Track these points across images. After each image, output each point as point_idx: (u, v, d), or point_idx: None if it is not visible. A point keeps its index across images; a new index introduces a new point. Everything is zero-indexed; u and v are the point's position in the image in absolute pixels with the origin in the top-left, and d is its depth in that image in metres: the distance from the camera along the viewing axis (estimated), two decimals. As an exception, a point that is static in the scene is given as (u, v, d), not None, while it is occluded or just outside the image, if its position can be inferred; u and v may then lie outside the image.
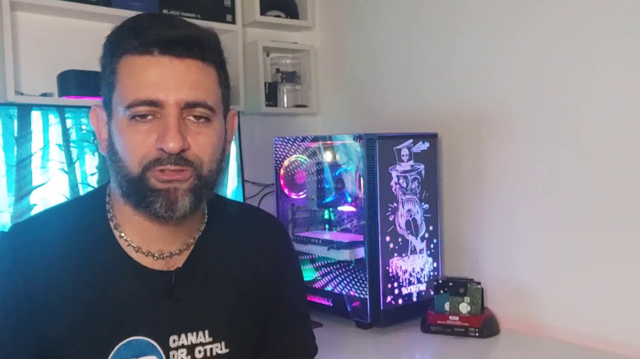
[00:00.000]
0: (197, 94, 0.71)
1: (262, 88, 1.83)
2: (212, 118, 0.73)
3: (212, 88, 0.74)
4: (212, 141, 0.74)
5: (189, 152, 0.71)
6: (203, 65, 0.72)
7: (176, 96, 0.70)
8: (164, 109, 0.70)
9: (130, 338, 0.74)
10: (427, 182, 1.49)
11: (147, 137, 0.70)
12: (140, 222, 0.76)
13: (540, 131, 1.39)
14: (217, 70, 0.75)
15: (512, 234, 1.46)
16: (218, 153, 0.75)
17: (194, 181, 0.72)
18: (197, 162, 0.72)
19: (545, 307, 1.40)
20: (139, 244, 0.77)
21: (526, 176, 1.42)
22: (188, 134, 0.71)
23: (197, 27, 0.74)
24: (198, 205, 0.75)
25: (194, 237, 0.81)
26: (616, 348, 1.26)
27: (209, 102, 0.72)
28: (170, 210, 0.71)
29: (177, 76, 0.70)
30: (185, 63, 0.71)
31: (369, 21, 1.81)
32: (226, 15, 1.76)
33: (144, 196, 0.71)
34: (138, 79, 0.70)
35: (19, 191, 1.35)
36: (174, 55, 0.70)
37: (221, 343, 0.79)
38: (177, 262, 0.78)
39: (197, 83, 0.71)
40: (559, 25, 1.34)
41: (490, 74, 1.49)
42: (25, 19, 1.48)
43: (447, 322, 1.38)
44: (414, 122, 1.66)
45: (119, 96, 0.71)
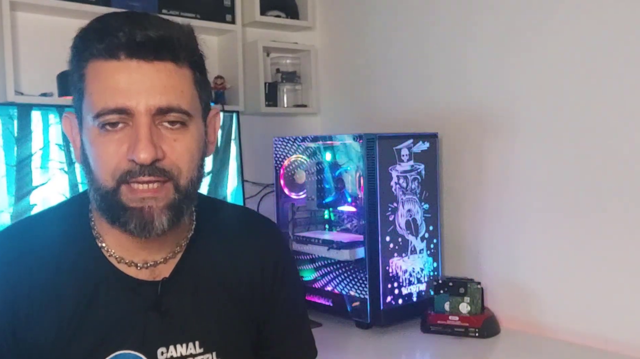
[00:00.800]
0: (169, 99, 0.66)
1: (262, 88, 1.83)
2: (188, 122, 0.68)
3: (187, 91, 0.68)
4: (189, 147, 0.69)
5: (164, 162, 0.67)
6: (175, 67, 0.67)
7: (147, 102, 0.65)
8: (134, 117, 0.65)
9: (117, 352, 0.71)
10: (427, 182, 1.49)
11: (119, 147, 0.66)
12: (119, 236, 0.72)
13: (541, 130, 1.39)
14: (193, 71, 0.70)
15: (512, 234, 1.46)
16: (197, 159, 0.71)
17: (172, 196, 0.68)
18: (174, 172, 0.68)
19: (545, 307, 1.40)
20: (121, 255, 0.73)
21: (526, 176, 1.42)
22: (163, 141, 0.67)
23: (169, 26, 0.68)
24: (178, 221, 0.70)
25: (180, 245, 0.77)
26: (616, 347, 1.26)
27: (183, 106, 0.67)
28: (146, 231, 0.67)
29: (147, 81, 0.65)
30: (155, 66, 0.66)
31: (369, 21, 1.81)
32: (226, 15, 1.77)
33: (118, 215, 0.67)
34: (105, 86, 0.65)
35: (19, 191, 1.34)
36: (143, 59, 0.65)
37: (212, 353, 0.76)
38: (164, 271, 0.75)
39: (169, 87, 0.66)
40: (561, 26, 1.34)
41: (491, 74, 1.49)
42: (25, 19, 1.49)
43: (447, 322, 1.38)
44: (414, 122, 1.66)
45: (88, 104, 0.67)
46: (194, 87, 0.70)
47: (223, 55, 1.86)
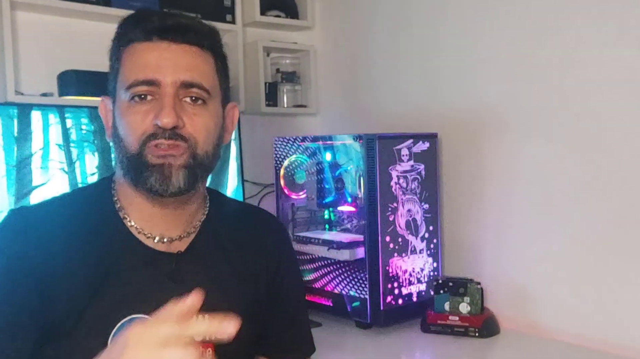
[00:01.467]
0: (192, 75, 0.75)
1: (262, 88, 1.84)
2: (208, 101, 0.77)
3: (209, 72, 0.78)
4: (206, 123, 0.77)
5: (183, 130, 0.75)
6: (200, 51, 0.77)
7: (173, 75, 0.74)
8: (161, 88, 0.74)
9: (132, 316, 0.75)
10: (427, 182, 1.49)
11: (146, 116, 0.75)
12: (141, 205, 0.79)
13: (541, 130, 1.39)
14: (215, 59, 0.79)
15: (512, 234, 1.46)
16: (213, 137, 0.79)
17: (188, 158, 0.76)
18: (191, 140, 0.76)
19: (545, 307, 1.40)
20: (141, 226, 0.80)
21: (527, 176, 1.43)
22: (184, 114, 0.75)
23: (196, 20, 0.80)
24: (193, 183, 0.77)
25: (194, 226, 0.83)
26: (616, 349, 1.26)
27: (204, 84, 0.76)
28: (165, 184, 0.75)
29: (174, 58, 0.75)
30: (182, 47, 0.76)
31: (369, 21, 1.81)
32: (226, 15, 1.77)
33: (141, 171, 0.75)
34: (138, 62, 0.75)
35: (19, 191, 1.35)
36: (172, 40, 0.75)
37: None
38: (179, 246, 0.81)
39: (193, 65, 0.76)
40: (559, 26, 1.35)
41: (490, 74, 1.49)
42: (25, 19, 1.49)
43: (447, 322, 1.38)
44: (413, 122, 1.66)
45: (121, 80, 0.77)
46: (215, 72, 0.79)
47: None
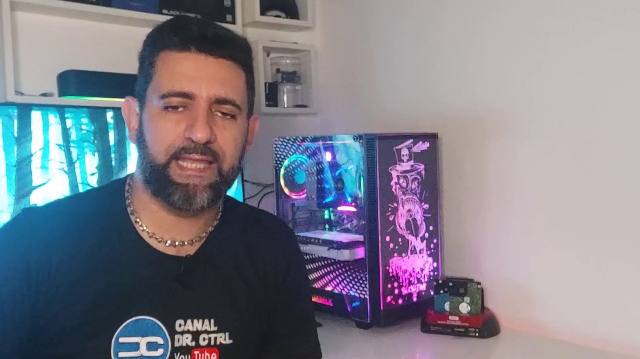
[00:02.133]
0: (227, 91, 0.76)
1: (262, 88, 1.84)
2: (237, 116, 0.78)
3: (240, 88, 0.79)
4: (235, 137, 0.78)
5: (214, 144, 0.76)
6: (234, 65, 0.78)
7: (208, 90, 0.75)
8: (195, 101, 0.74)
9: (138, 317, 0.76)
10: (427, 182, 1.49)
11: (177, 126, 0.75)
12: (156, 211, 0.79)
13: (541, 131, 1.39)
14: (246, 73, 0.80)
15: (512, 234, 1.46)
16: (239, 150, 0.80)
17: (215, 178, 0.77)
18: (220, 155, 0.76)
19: (545, 307, 1.40)
20: (153, 230, 0.80)
21: (527, 176, 1.43)
22: (215, 127, 0.76)
23: (232, 32, 0.81)
24: (216, 200, 0.79)
25: (206, 231, 0.84)
26: (617, 348, 1.26)
27: (237, 100, 0.77)
28: (188, 203, 0.75)
29: (210, 72, 0.75)
30: (219, 61, 0.76)
31: (369, 21, 1.82)
32: (226, 15, 1.77)
33: (165, 186, 0.76)
34: (174, 72, 0.75)
35: (19, 190, 1.35)
36: (209, 53, 0.75)
37: (225, 333, 0.80)
38: (189, 250, 0.82)
39: (228, 81, 0.76)
40: (559, 26, 1.35)
41: (490, 74, 1.49)
42: (25, 19, 1.49)
43: (447, 322, 1.38)
44: (414, 122, 1.66)
45: (155, 86, 0.76)
46: (245, 87, 0.81)
47: None
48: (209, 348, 0.79)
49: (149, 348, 0.76)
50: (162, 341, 0.76)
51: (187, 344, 0.78)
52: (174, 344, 0.77)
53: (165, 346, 0.77)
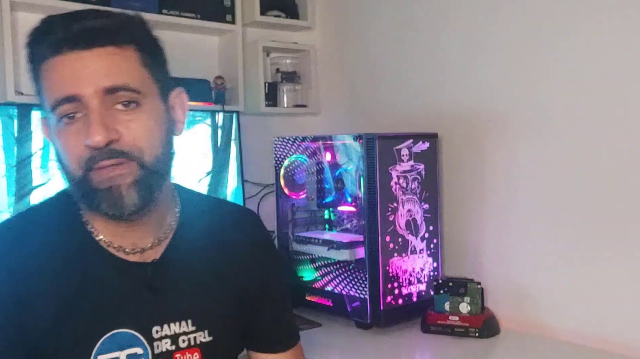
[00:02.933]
0: (114, 78, 0.69)
1: (262, 88, 1.84)
2: (141, 101, 0.71)
3: (134, 70, 0.71)
4: (147, 126, 0.71)
5: (121, 143, 0.69)
6: (117, 49, 0.70)
7: (92, 85, 0.68)
8: (84, 102, 0.68)
9: (113, 331, 0.74)
10: (427, 182, 1.49)
11: (77, 137, 0.69)
12: (105, 221, 0.75)
13: (541, 130, 1.40)
14: (140, 52, 0.72)
15: (512, 234, 1.46)
16: (159, 137, 0.72)
17: (137, 172, 0.70)
18: (134, 152, 0.70)
19: (545, 307, 1.40)
20: (110, 240, 0.76)
21: (527, 176, 1.43)
22: (118, 123, 0.69)
23: (108, 14, 0.72)
24: (150, 196, 0.72)
25: (165, 232, 0.80)
26: (616, 348, 1.26)
27: (131, 85, 0.70)
28: (119, 208, 0.70)
29: (89, 67, 0.68)
30: (95, 52, 0.69)
31: (369, 21, 1.82)
32: (226, 15, 1.78)
33: (92, 198, 0.71)
34: (54, 80, 0.69)
35: (19, 190, 1.36)
36: (82, 48, 0.68)
37: (204, 331, 0.79)
38: (154, 255, 0.78)
39: (112, 68, 0.69)
40: (557, 27, 1.35)
41: (491, 75, 1.50)
42: (25, 19, 1.49)
43: (447, 322, 1.38)
44: (414, 122, 1.67)
45: (45, 102, 0.71)
46: (143, 67, 0.72)
47: (223, 55, 1.87)
48: (190, 349, 0.78)
49: None
50: (141, 351, 0.75)
51: (167, 349, 0.77)
52: (154, 352, 0.76)
53: (146, 355, 0.75)
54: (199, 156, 1.67)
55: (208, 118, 1.69)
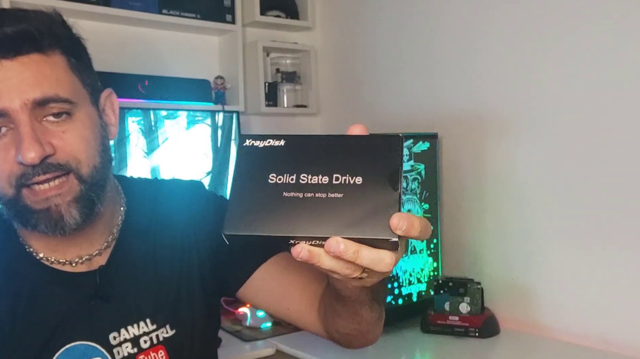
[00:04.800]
0: (43, 89, 0.63)
1: (262, 88, 1.85)
2: (73, 111, 0.66)
3: (63, 78, 0.66)
4: (82, 135, 0.66)
5: (57, 156, 0.65)
6: (42, 57, 0.64)
7: (19, 98, 0.62)
8: (12, 116, 0.63)
9: (67, 345, 0.71)
10: (427, 183, 1.50)
11: (7, 153, 0.64)
12: (44, 238, 0.71)
13: (540, 131, 1.40)
14: (65, 56, 0.67)
15: (512, 235, 1.46)
16: (95, 145, 0.68)
17: (76, 188, 0.66)
18: (72, 163, 0.65)
19: (545, 307, 1.41)
20: (51, 256, 0.73)
21: (527, 176, 1.43)
22: (51, 136, 0.64)
23: (27, 17, 0.65)
24: (92, 211, 0.68)
25: (113, 232, 0.76)
26: (616, 348, 1.26)
27: (61, 95, 0.65)
28: (59, 228, 0.66)
29: (14, 78, 0.63)
30: (20, 61, 0.63)
31: (369, 22, 1.82)
32: (226, 15, 1.78)
33: (27, 218, 0.66)
34: None
35: None
36: (4, 58, 0.63)
37: (166, 326, 0.76)
38: (100, 261, 0.74)
39: (40, 78, 0.64)
40: (556, 27, 1.35)
41: (491, 76, 1.50)
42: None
43: (447, 322, 1.39)
44: (414, 123, 1.67)
45: None
46: (71, 73, 0.67)
47: (223, 55, 1.87)
48: (154, 348, 0.75)
49: None
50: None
51: (129, 352, 0.74)
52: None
53: None
54: (199, 156, 1.68)
55: (208, 118, 1.70)
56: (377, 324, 0.71)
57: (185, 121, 1.67)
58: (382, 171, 0.48)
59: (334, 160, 0.49)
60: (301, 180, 0.48)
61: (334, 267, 0.47)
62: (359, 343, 0.75)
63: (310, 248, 0.46)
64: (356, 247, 0.46)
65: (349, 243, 0.46)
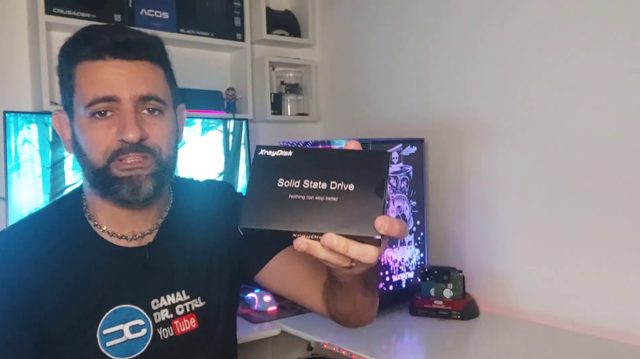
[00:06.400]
0: (149, 88, 0.75)
1: (269, 98, 1.90)
2: (164, 110, 0.78)
3: (161, 84, 0.78)
4: (166, 131, 0.78)
5: (148, 141, 0.75)
6: (151, 64, 0.77)
7: (130, 91, 0.74)
8: (121, 103, 0.74)
9: (115, 307, 0.78)
10: (414, 182, 1.55)
11: (108, 131, 0.74)
12: (110, 210, 0.80)
13: (518, 136, 1.44)
14: (164, 70, 0.79)
15: (490, 228, 1.51)
16: (173, 141, 0.80)
17: (155, 167, 0.76)
18: (156, 150, 0.76)
19: (519, 292, 1.45)
20: (112, 229, 0.81)
21: (504, 176, 1.47)
22: (145, 125, 0.75)
23: (143, 33, 0.79)
24: (161, 188, 0.78)
25: (162, 217, 0.85)
26: (583, 329, 1.32)
27: (160, 96, 0.77)
28: (136, 194, 0.76)
29: (130, 74, 0.74)
30: (135, 64, 0.75)
31: (364, 39, 1.87)
32: (236, 34, 1.83)
33: (109, 184, 0.75)
34: (94, 80, 0.74)
35: (53, 189, 1.43)
36: (124, 58, 0.75)
37: (197, 298, 0.84)
38: (149, 239, 0.83)
39: (148, 80, 0.76)
40: (537, 41, 1.38)
41: (474, 86, 1.53)
42: (58, 37, 1.55)
43: (433, 306, 1.44)
44: (403, 129, 1.71)
45: (79, 98, 0.75)
46: (166, 82, 0.80)
47: (234, 69, 1.93)
48: (187, 315, 0.83)
49: (132, 331, 0.79)
50: (143, 322, 0.79)
51: (166, 317, 0.81)
52: (154, 321, 0.80)
53: (147, 325, 0.80)
54: (213, 159, 1.72)
55: (220, 125, 1.74)
56: (371, 308, 0.81)
57: (200, 128, 1.70)
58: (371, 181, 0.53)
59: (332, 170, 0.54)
60: (304, 185, 0.54)
61: (328, 258, 0.54)
62: (356, 323, 0.85)
63: (308, 241, 0.53)
64: (346, 242, 0.53)
65: (340, 239, 0.52)
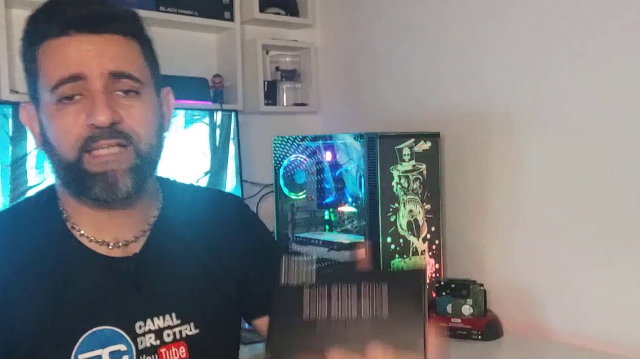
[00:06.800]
0: (120, 64, 0.71)
1: (261, 87, 1.85)
2: (141, 91, 0.73)
3: (136, 60, 0.73)
4: (145, 114, 0.73)
5: (122, 125, 0.71)
6: (123, 38, 0.72)
7: (99, 67, 0.69)
8: (89, 83, 0.69)
9: (94, 329, 0.73)
10: (429, 182, 1.50)
11: (77, 117, 0.70)
12: (89, 212, 0.75)
13: (544, 129, 1.40)
14: (141, 45, 0.75)
15: (515, 235, 1.47)
16: (154, 127, 0.75)
17: (133, 159, 0.72)
18: (133, 136, 0.71)
19: (549, 309, 1.41)
20: (92, 234, 0.76)
21: (530, 176, 1.44)
22: (119, 107, 0.70)
23: (113, 5, 0.75)
24: (142, 184, 0.74)
25: (149, 223, 0.80)
26: (620, 350, 1.27)
27: (134, 74, 0.72)
28: (112, 192, 0.71)
29: (97, 50, 0.70)
30: (104, 37, 0.71)
31: (370, 19, 1.83)
32: (224, 13, 1.78)
33: (83, 181, 0.71)
34: (59, 60, 0.70)
35: (14, 190, 1.36)
36: (91, 32, 0.70)
37: (190, 324, 0.78)
38: (135, 249, 0.78)
39: (119, 54, 0.71)
40: (561, 26, 1.36)
41: (492, 73, 1.51)
42: (20, 15, 1.48)
43: (450, 324, 1.39)
44: (416, 121, 1.67)
45: (43, 82, 0.71)
46: (143, 59, 0.75)
47: (221, 53, 1.88)
48: (175, 343, 0.77)
49: (112, 358, 0.73)
50: (125, 348, 0.74)
51: (152, 344, 0.76)
52: (138, 348, 0.75)
53: (130, 352, 0.74)
54: (197, 156, 1.67)
55: (206, 117, 1.70)
56: None
57: (182, 120, 1.67)
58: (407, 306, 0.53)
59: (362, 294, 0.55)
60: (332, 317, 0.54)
61: None
62: None
63: None
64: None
65: None
